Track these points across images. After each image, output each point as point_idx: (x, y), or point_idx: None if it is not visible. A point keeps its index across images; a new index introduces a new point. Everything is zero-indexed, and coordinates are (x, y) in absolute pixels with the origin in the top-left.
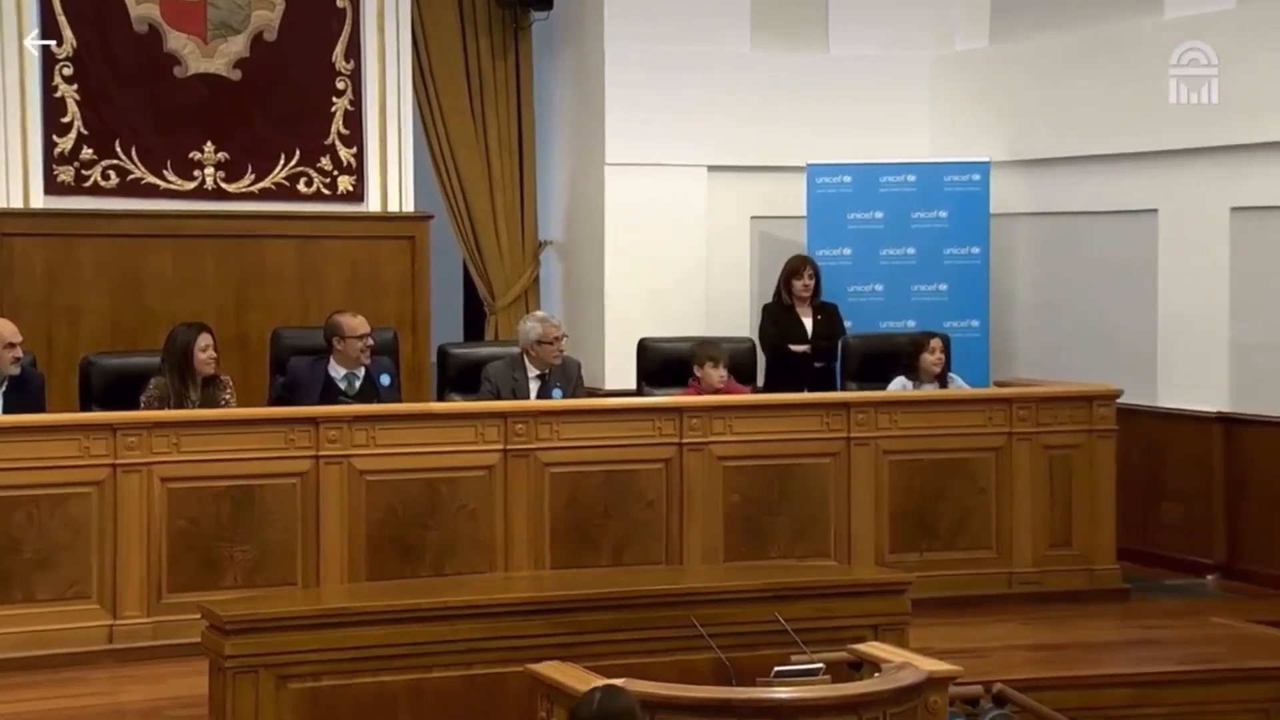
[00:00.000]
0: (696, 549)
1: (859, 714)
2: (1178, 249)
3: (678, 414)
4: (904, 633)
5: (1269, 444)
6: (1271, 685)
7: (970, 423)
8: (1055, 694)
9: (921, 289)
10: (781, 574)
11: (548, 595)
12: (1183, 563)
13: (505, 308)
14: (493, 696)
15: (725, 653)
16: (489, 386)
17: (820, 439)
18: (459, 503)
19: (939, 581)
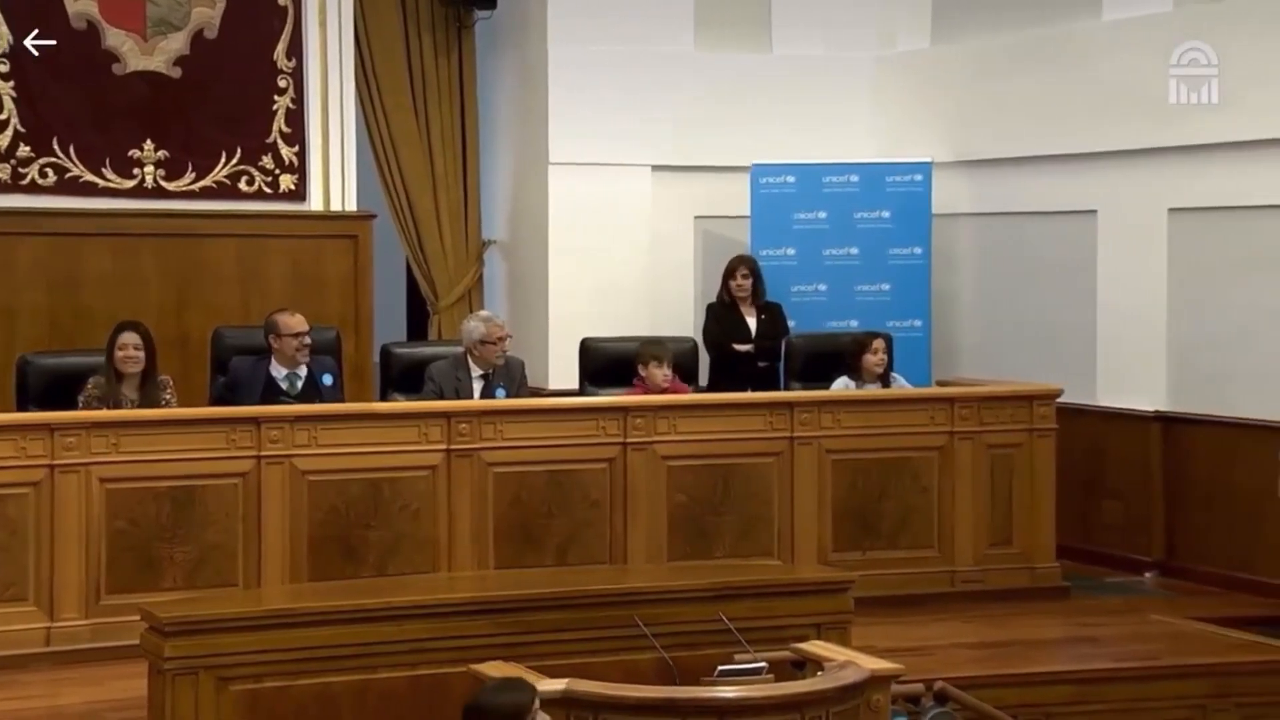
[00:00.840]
0: (641, 548)
1: (802, 713)
2: (1117, 250)
3: (622, 413)
4: (847, 631)
5: (1206, 443)
6: (1208, 681)
7: (912, 422)
8: (996, 691)
9: (865, 289)
10: (725, 573)
11: (491, 595)
12: (1122, 560)
13: (449, 307)
14: (437, 697)
15: (669, 652)
16: (432, 386)
17: (764, 438)
18: (402, 503)
19: (882, 580)
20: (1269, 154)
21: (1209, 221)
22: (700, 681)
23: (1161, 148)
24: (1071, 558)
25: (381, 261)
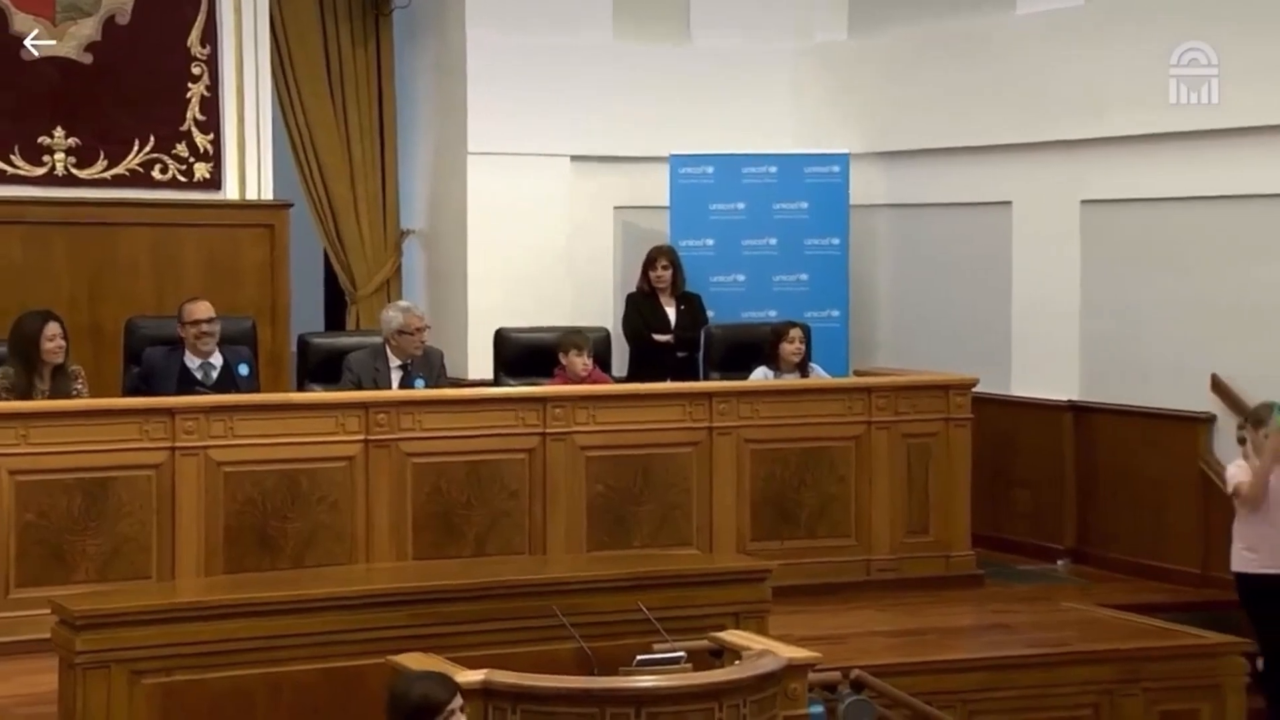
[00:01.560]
0: (560, 539)
1: (720, 701)
2: (1031, 241)
3: (541, 404)
4: (764, 620)
5: (1117, 432)
6: (1116, 667)
7: (830, 412)
8: (911, 679)
9: (783, 279)
10: (644, 563)
11: (409, 586)
12: (1034, 548)
13: (367, 297)
14: (353, 689)
15: (588, 642)
16: (350, 376)
17: (683, 428)
18: (319, 494)
19: (799, 569)
20: (1179, 147)
21: (1120, 213)
22: (619, 671)
23: (1074, 140)
24: (986, 546)
25: (299, 251)
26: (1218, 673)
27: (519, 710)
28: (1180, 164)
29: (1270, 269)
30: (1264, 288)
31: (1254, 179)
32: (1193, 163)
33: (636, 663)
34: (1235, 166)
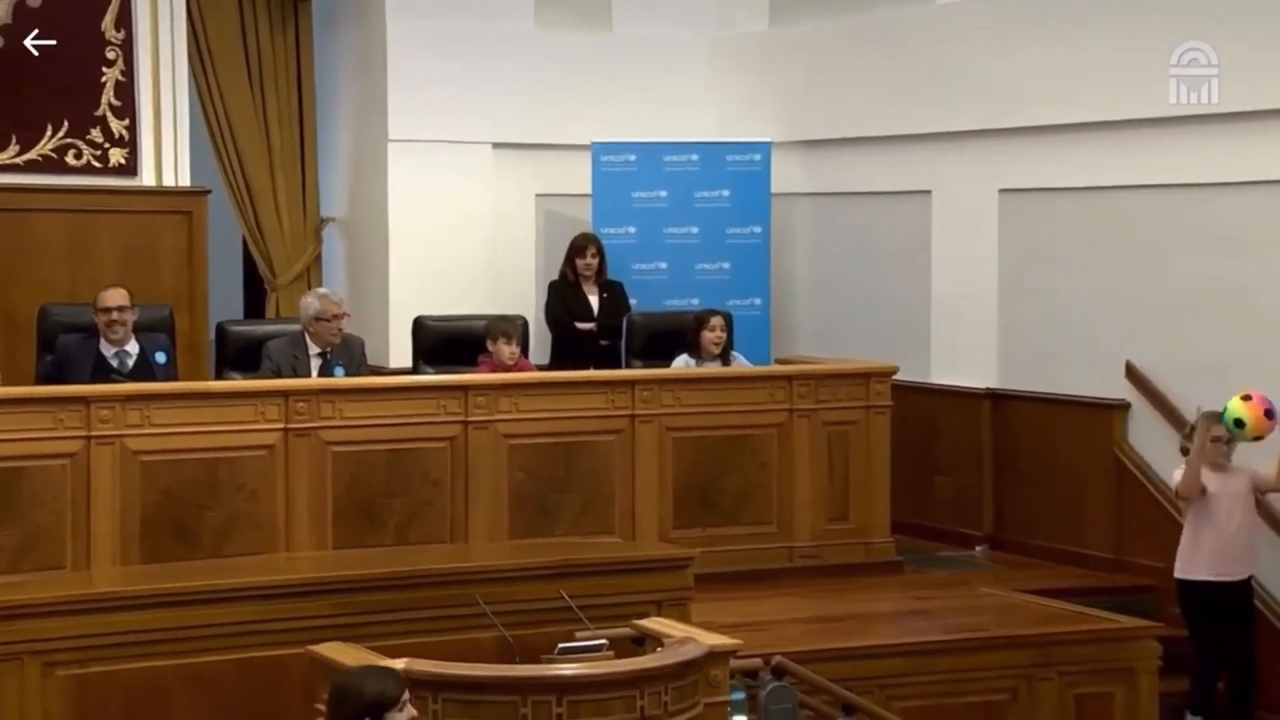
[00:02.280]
0: (482, 527)
1: (641, 689)
2: (950, 230)
3: (463, 392)
4: (686, 608)
5: (1034, 419)
6: (1033, 651)
7: (752, 400)
8: (831, 665)
9: (705, 268)
10: (566, 551)
11: (329, 576)
12: (953, 535)
13: (286, 285)
14: (271, 679)
15: (510, 630)
16: (269, 364)
17: (605, 416)
18: (238, 483)
19: (721, 556)
20: (1096, 136)
21: (1037, 202)
22: (541, 659)
23: (993, 130)
24: (905, 532)
25: (217, 238)
26: (1131, 656)
27: (440, 699)
28: (1097, 154)
29: (1185, 258)
30: (1179, 276)
31: (1169, 169)
32: (1109, 152)
33: (558, 651)
34: (1151, 156)
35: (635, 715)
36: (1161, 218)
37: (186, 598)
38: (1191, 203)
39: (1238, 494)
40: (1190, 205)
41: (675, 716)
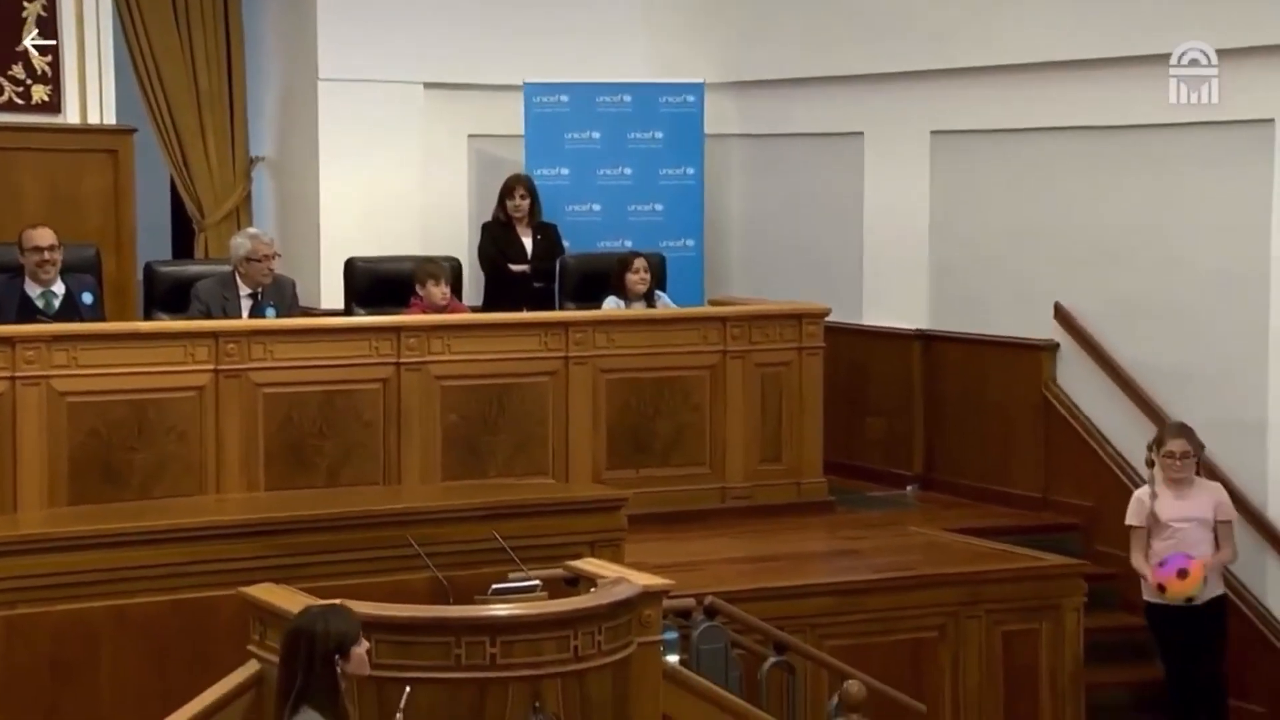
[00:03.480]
0: (414, 469)
1: (575, 629)
2: (882, 171)
3: (395, 333)
4: (620, 548)
5: (963, 360)
6: (961, 590)
7: (685, 341)
8: (763, 604)
9: (638, 209)
10: (499, 492)
11: (261, 517)
12: (884, 475)
13: (215, 225)
14: (203, 620)
15: (443, 571)
16: (199, 305)
17: (538, 358)
18: (168, 424)
19: (654, 497)
20: (1027, 78)
21: (969, 143)
22: (474, 600)
23: (925, 71)
24: (837, 473)
25: (144, 178)
26: (1057, 594)
27: (374, 639)
28: (1029, 96)
29: (1115, 200)
30: (1108, 218)
31: (1099, 111)
32: (1041, 94)
33: (492, 591)
34: (1082, 98)
35: (568, 655)
36: (1091, 160)
37: (116, 539)
38: (1120, 145)
39: (1194, 519)
40: (1119, 147)
41: (608, 656)
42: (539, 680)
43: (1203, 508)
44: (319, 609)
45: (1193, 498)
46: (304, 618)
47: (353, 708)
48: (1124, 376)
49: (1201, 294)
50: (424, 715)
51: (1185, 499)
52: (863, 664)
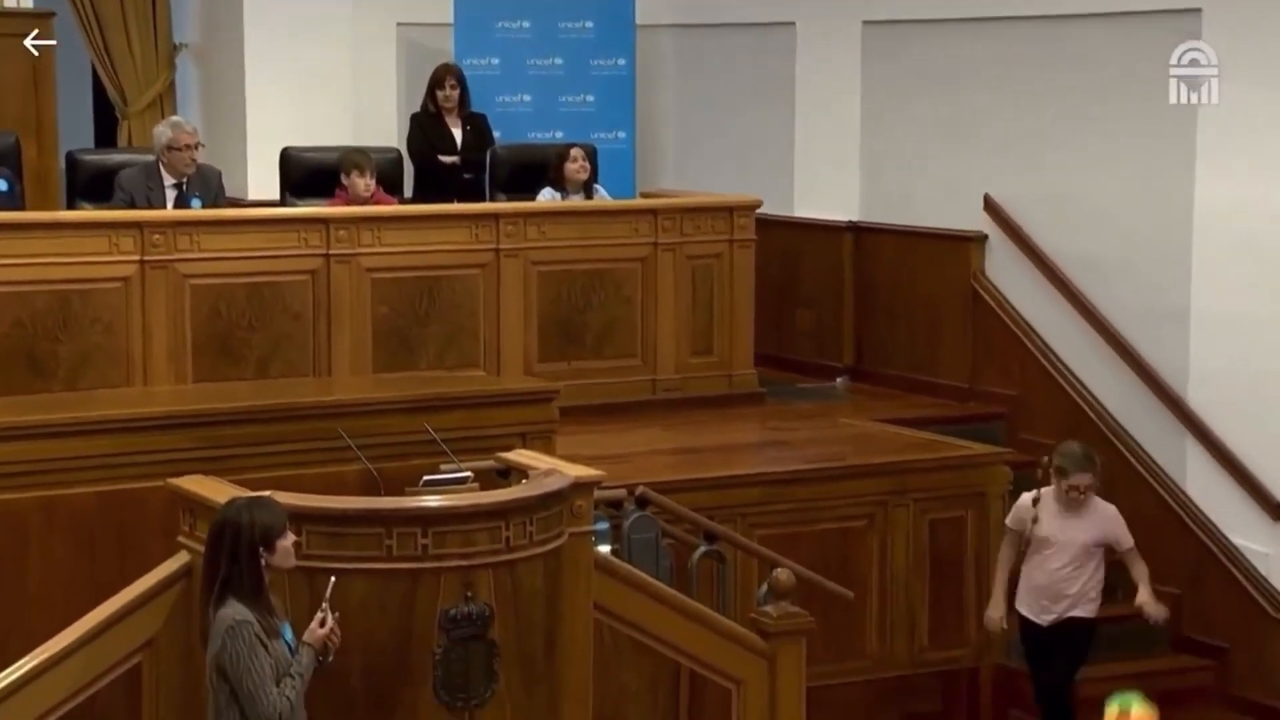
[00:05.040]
0: (344, 361)
1: (506, 520)
2: (814, 62)
3: (324, 225)
4: (551, 440)
5: (893, 252)
6: (889, 479)
7: (616, 233)
8: (693, 495)
9: (569, 100)
10: (430, 385)
11: (189, 409)
12: (814, 367)
13: (139, 113)
14: (131, 512)
15: (374, 464)
16: (122, 195)
17: (469, 250)
18: (93, 315)
19: (585, 389)
20: None
21: (901, 34)
22: (405, 492)
23: None
24: (768, 365)
25: (65, 65)
26: (983, 482)
27: (304, 531)
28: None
29: (1043, 91)
30: (1037, 110)
31: (1029, 1)
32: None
33: (423, 483)
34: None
35: (500, 546)
36: (1020, 51)
37: (43, 430)
38: (1050, 35)
39: (1080, 544)
40: (1048, 38)
41: (540, 547)
42: (471, 571)
43: (1090, 531)
44: (244, 501)
45: (1085, 520)
46: (229, 510)
47: (280, 599)
48: (1051, 268)
49: (1128, 185)
50: (355, 606)
51: (1076, 520)
52: (792, 553)
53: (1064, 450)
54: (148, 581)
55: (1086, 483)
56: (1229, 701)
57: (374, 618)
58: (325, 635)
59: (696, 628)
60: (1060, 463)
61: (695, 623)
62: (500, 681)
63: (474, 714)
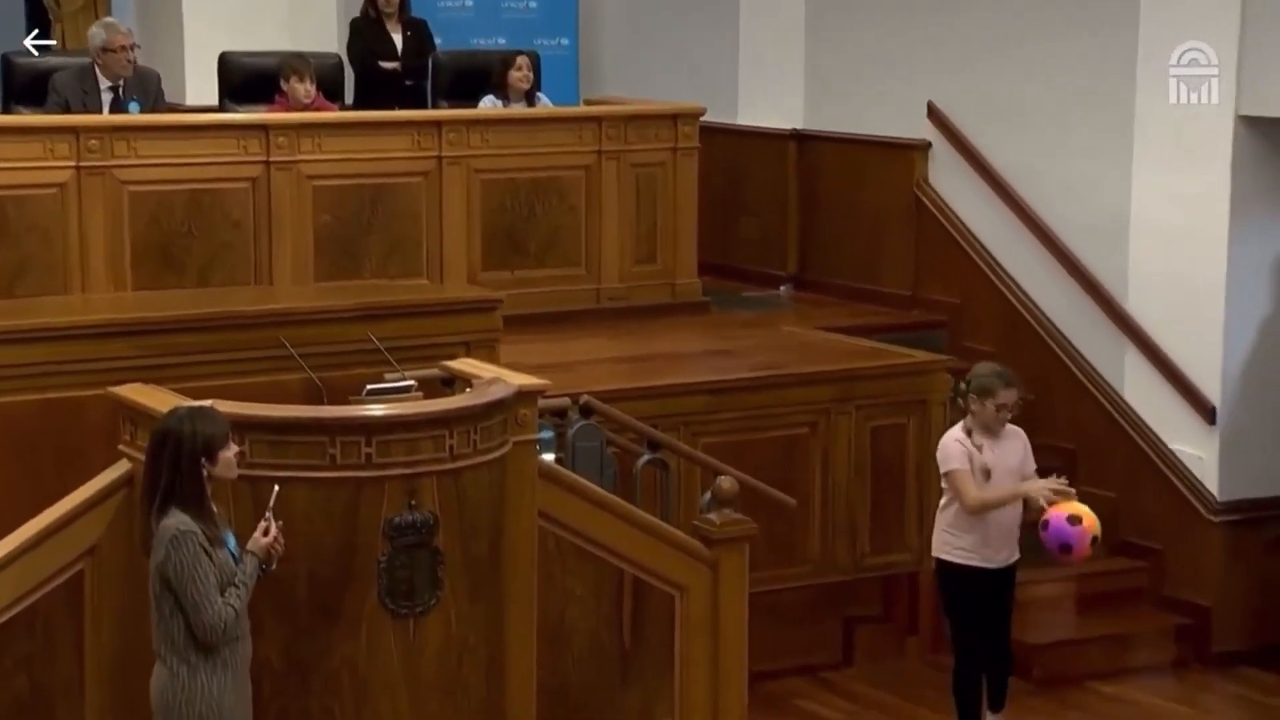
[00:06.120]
0: (286, 270)
1: (450, 428)
2: None
3: (263, 131)
4: (495, 349)
5: (837, 160)
6: (832, 387)
7: (560, 141)
8: (638, 404)
9: (511, 5)
10: (374, 293)
11: (130, 317)
12: (758, 275)
13: (73, 14)
14: (72, 420)
15: (317, 373)
16: (56, 98)
17: (411, 158)
18: (28, 223)
19: (529, 298)
20: None
21: None
22: (349, 401)
23: None
24: (712, 273)
25: None
26: (925, 389)
27: (247, 440)
28: None
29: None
30: (981, 18)
31: None
32: None
33: (366, 392)
34: None
35: (444, 455)
36: None
37: None
38: None
39: (1011, 469)
40: None
41: (484, 455)
42: (415, 480)
43: (1018, 452)
44: (186, 410)
45: (1006, 444)
46: (171, 419)
47: (224, 508)
48: (994, 176)
49: (1069, 94)
50: (299, 515)
51: (1001, 446)
52: (736, 461)
53: (982, 372)
54: (89, 490)
55: (1014, 398)
56: (1163, 602)
57: (318, 526)
58: (269, 544)
59: (640, 535)
60: (984, 384)
61: (639, 530)
62: (445, 589)
63: (418, 621)
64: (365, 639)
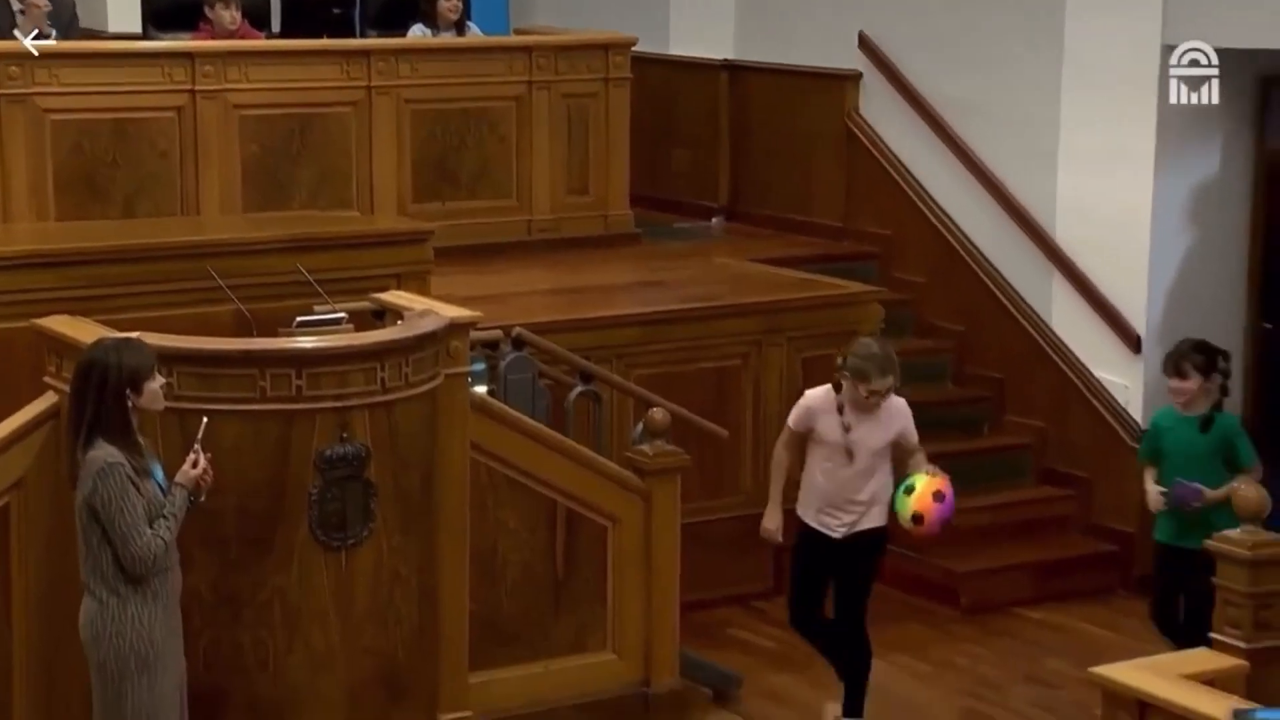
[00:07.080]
0: (213, 201)
1: (382, 361)
2: None
3: (189, 60)
4: (426, 281)
5: (769, 91)
6: (764, 318)
7: (491, 71)
8: (570, 335)
9: None
10: (303, 224)
11: (54, 248)
12: (690, 207)
13: None
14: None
15: (246, 304)
16: None
17: (341, 87)
18: None
19: (460, 230)
20: None
21: None
22: (278, 333)
23: None
24: (644, 205)
25: None
26: (855, 320)
27: (175, 372)
28: None
29: None
30: None
31: None
32: None
33: (296, 324)
34: None
35: (376, 387)
36: None
37: None
38: None
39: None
40: None
41: (416, 388)
42: (346, 412)
43: (885, 433)
44: (112, 342)
45: (877, 419)
46: (96, 350)
47: (151, 440)
48: (925, 107)
49: (1000, 24)
50: (229, 447)
51: (869, 425)
52: (668, 392)
53: (862, 353)
54: (14, 422)
55: (888, 386)
56: (1089, 529)
57: (248, 458)
58: (198, 476)
59: (573, 466)
60: (861, 366)
61: (572, 461)
62: (377, 520)
63: (350, 552)
64: (297, 570)
